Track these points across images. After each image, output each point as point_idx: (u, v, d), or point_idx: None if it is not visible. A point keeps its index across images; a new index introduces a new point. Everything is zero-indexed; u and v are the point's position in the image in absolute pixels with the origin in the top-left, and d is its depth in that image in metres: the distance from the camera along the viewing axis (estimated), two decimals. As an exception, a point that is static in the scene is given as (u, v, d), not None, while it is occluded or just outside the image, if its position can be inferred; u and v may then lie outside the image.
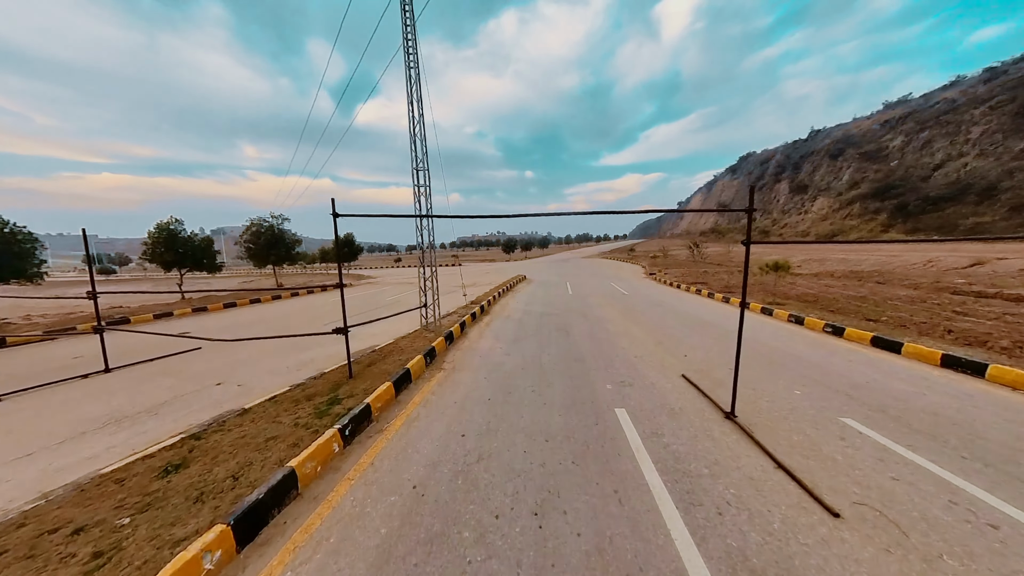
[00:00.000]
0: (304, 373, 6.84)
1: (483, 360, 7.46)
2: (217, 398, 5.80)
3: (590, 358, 7.48)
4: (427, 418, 4.90)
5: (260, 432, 4.03)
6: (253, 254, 20.13)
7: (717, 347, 8.16)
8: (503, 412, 5.04)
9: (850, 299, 14.04)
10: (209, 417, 4.97)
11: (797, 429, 4.51)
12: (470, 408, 5.18)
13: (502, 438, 4.35)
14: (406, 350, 7.42)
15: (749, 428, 4.51)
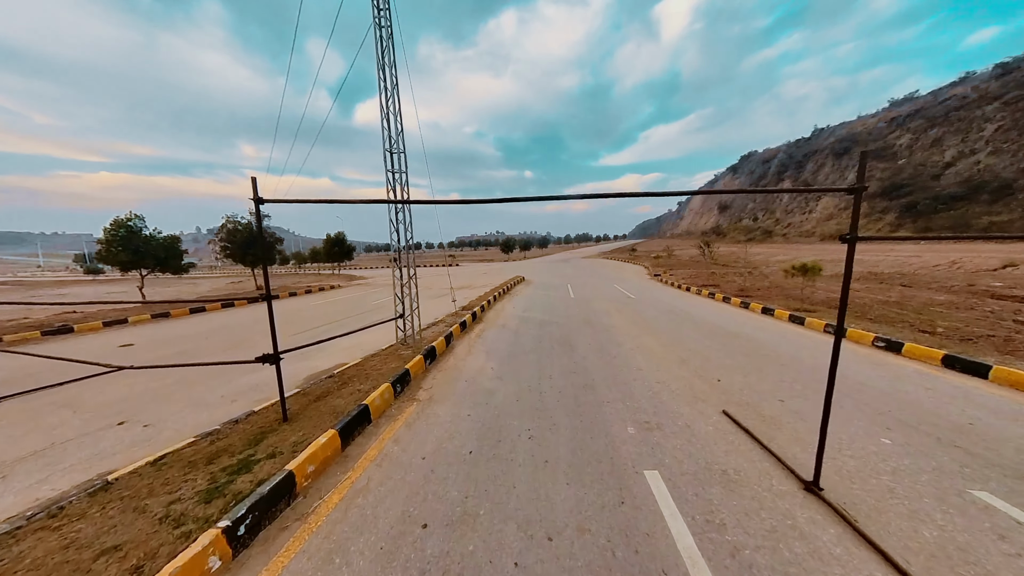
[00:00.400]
0: (239, 406, 5.39)
1: (469, 386, 6.01)
2: (105, 447, 4.34)
3: (602, 384, 6.04)
4: (378, 490, 3.44)
5: (99, 535, 2.57)
6: (229, 254, 18.66)
7: (753, 367, 6.72)
8: (488, 478, 3.59)
9: (884, 305, 12.64)
10: (67, 485, 3.52)
11: (919, 513, 3.06)
12: (442, 470, 3.72)
13: (482, 533, 2.90)
14: (372, 374, 5.96)
15: (848, 512, 3.06)
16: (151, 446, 4.26)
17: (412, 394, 5.68)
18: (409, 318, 7.51)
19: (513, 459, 3.90)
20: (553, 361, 7.28)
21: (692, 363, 7.05)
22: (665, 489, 3.39)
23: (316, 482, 3.50)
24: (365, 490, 3.43)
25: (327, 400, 4.97)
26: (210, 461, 3.52)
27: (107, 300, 13.49)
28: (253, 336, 10.31)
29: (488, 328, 10.39)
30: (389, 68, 6.50)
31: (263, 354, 4.16)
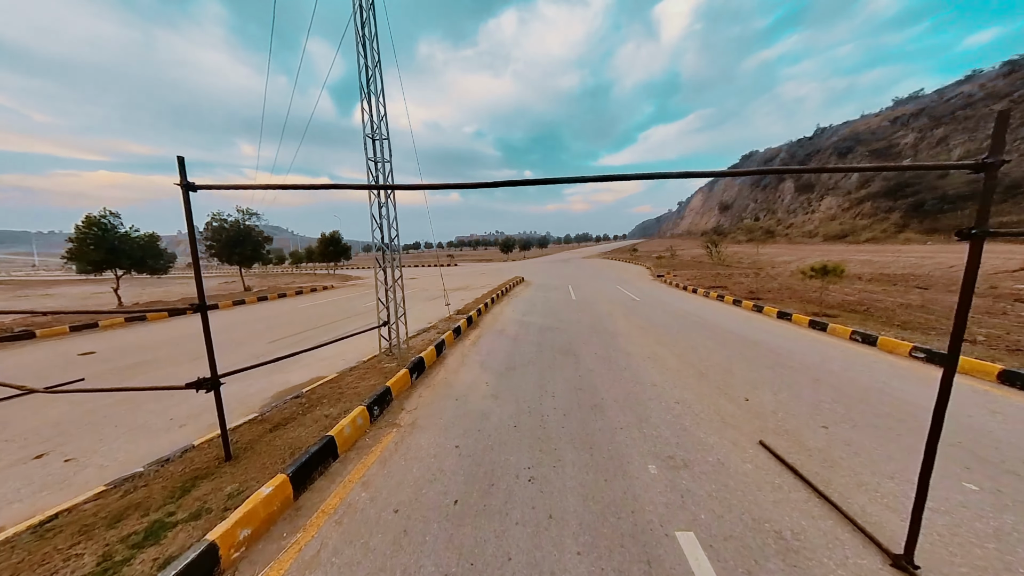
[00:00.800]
0: (187, 433, 4.58)
1: (459, 407, 5.20)
2: (2, 493, 3.51)
3: (612, 403, 5.23)
4: (331, 563, 2.63)
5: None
6: (216, 252, 17.83)
7: (782, 383, 5.92)
8: (476, 542, 2.79)
9: (907, 309, 11.85)
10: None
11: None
12: (418, 530, 2.92)
13: (464, 641, 2.10)
14: (347, 393, 5.14)
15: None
16: (61, 492, 3.45)
17: (393, 417, 4.86)
18: (395, 325, 6.68)
19: (508, 513, 3.09)
20: (555, 374, 6.48)
21: (712, 377, 6.25)
22: (706, 561, 2.59)
23: (251, 551, 2.69)
24: (314, 563, 2.62)
25: (286, 430, 4.15)
26: (113, 524, 2.71)
27: (69, 310, 12.66)
28: (228, 344, 9.49)
29: (484, 334, 9.59)
30: (370, 41, 5.68)
31: (198, 379, 3.34)
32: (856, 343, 8.38)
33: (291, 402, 4.86)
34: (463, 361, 7.34)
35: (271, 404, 5.11)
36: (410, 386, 5.93)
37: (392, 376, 5.66)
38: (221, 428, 3.48)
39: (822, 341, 8.60)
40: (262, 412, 4.59)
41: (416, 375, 6.20)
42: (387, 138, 6.11)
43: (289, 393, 5.71)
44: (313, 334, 10.20)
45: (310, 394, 5.14)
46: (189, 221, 3.16)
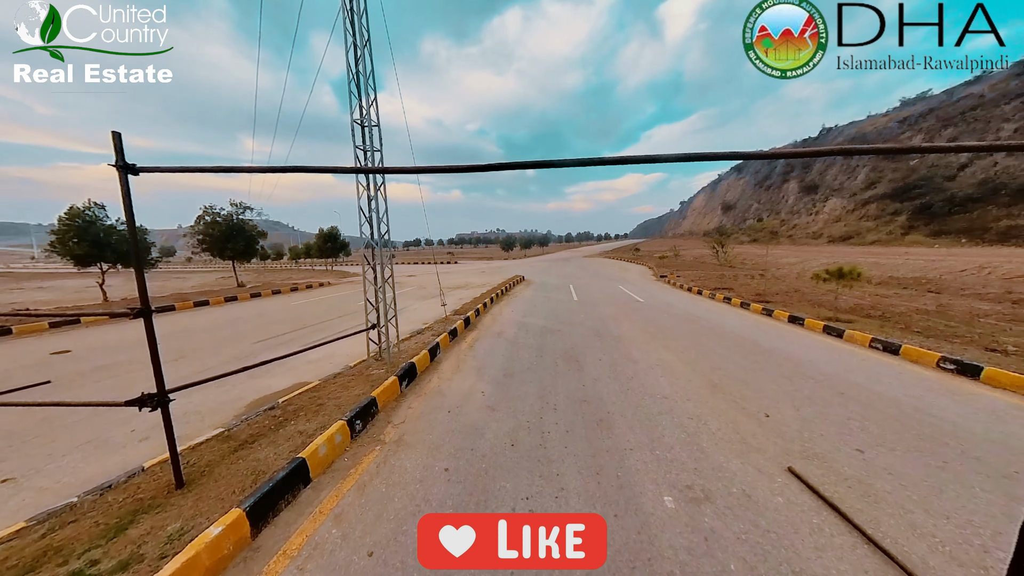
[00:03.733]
0: (147, 449, 4.10)
1: (452, 421, 4.73)
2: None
3: (620, 419, 4.76)
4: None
5: None
6: (208, 247, 17.35)
7: (804, 397, 5.43)
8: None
9: (924, 315, 11.36)
10: None
11: None
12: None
13: None
14: (327, 404, 4.67)
15: None
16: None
17: (377, 433, 4.39)
18: (385, 328, 6.20)
19: (503, 560, 2.62)
20: (557, 383, 6.00)
21: (727, 389, 5.77)
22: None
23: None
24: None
25: (254, 449, 3.68)
26: (37, 566, 2.24)
27: (41, 312, 12.24)
28: (211, 344, 9.03)
29: (482, 337, 9.11)
30: (358, 16, 5.18)
31: (142, 395, 2.86)
32: (876, 351, 7.89)
33: (264, 415, 4.39)
34: (458, 366, 6.87)
35: (245, 415, 4.64)
36: (399, 395, 5.45)
37: (379, 384, 5.18)
38: (171, 452, 3.00)
39: (840, 348, 8.11)
40: (230, 427, 4.11)
41: (406, 383, 5.72)
42: (377, 125, 5.61)
43: (268, 401, 5.24)
44: (302, 334, 9.74)
45: (286, 405, 4.66)
46: (127, 207, 2.68)
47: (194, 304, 14.38)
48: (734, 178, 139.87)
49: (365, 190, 5.60)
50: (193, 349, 8.33)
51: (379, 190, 5.74)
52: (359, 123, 5.45)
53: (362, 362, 6.45)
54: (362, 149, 5.49)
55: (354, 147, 5.39)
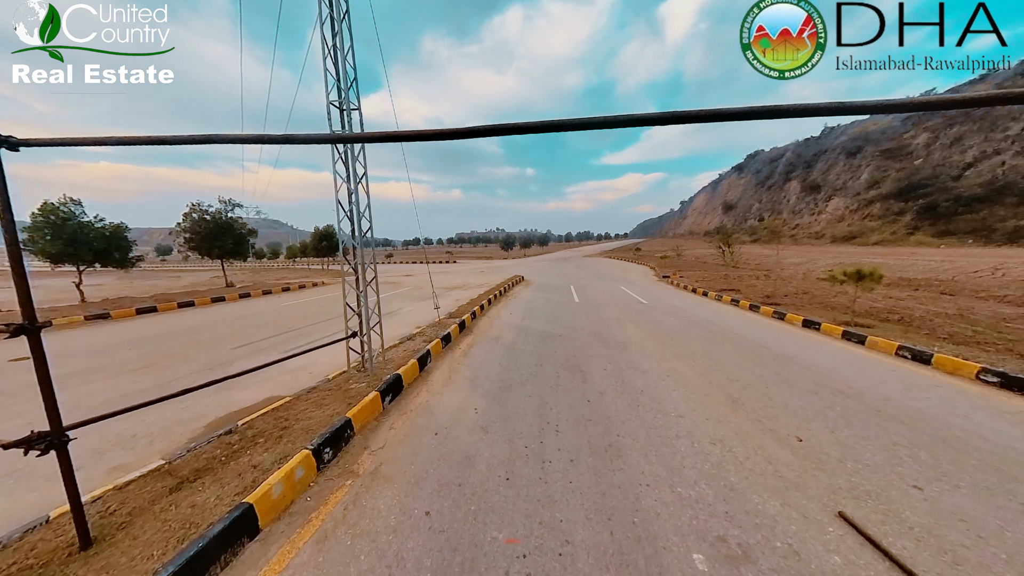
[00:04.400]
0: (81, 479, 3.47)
1: (439, 446, 4.11)
2: None
3: (632, 443, 4.14)
4: None
5: None
6: (195, 246, 16.69)
7: (838, 415, 4.82)
8: None
9: (945, 319, 10.75)
10: None
11: None
12: None
13: None
14: (294, 427, 4.04)
15: None
16: None
17: (350, 462, 3.77)
18: (369, 335, 5.57)
19: (491, 656, 2.00)
20: (559, 397, 5.39)
21: (748, 405, 5.15)
22: None
23: None
24: None
25: (194, 489, 3.06)
26: None
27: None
28: (186, 348, 8.41)
29: (478, 342, 8.49)
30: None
31: (33, 433, 2.24)
32: (904, 360, 7.27)
33: (217, 441, 3.76)
34: (450, 377, 6.25)
35: (196, 442, 4.01)
36: (381, 413, 4.83)
37: (357, 402, 4.56)
38: (72, 506, 2.38)
39: (864, 357, 7.49)
40: (173, 458, 3.49)
41: (390, 398, 5.10)
42: (358, 108, 4.99)
43: (233, 420, 4.62)
44: (287, 339, 9.12)
45: (245, 429, 4.04)
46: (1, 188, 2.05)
47: (178, 305, 13.75)
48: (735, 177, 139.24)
49: (345, 183, 4.98)
50: (165, 356, 7.71)
51: (359, 183, 5.11)
52: (336, 106, 4.83)
53: (342, 373, 5.81)
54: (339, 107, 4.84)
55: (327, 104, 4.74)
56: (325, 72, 4.64)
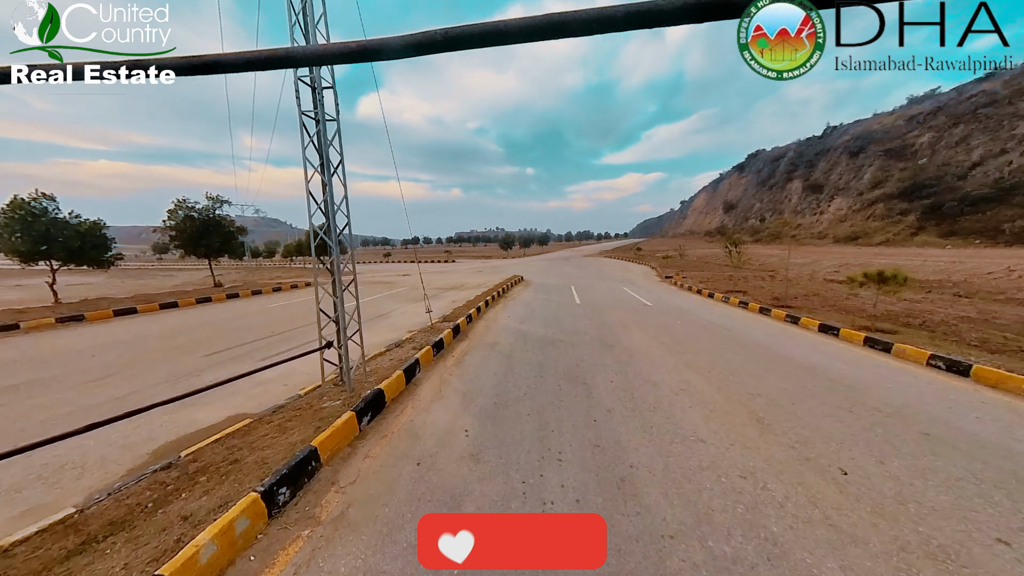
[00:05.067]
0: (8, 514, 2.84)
1: (421, 481, 3.48)
2: None
3: (648, 478, 3.52)
4: None
5: None
6: (180, 243, 15.99)
7: (882, 440, 4.20)
8: None
9: (971, 324, 10.15)
10: None
11: None
12: None
13: None
14: (247, 460, 3.40)
15: None
16: None
17: (312, 503, 3.14)
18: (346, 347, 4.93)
19: None
20: (562, 416, 4.76)
21: (776, 426, 4.53)
22: None
23: None
24: None
25: (98, 553, 2.40)
26: None
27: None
28: (154, 354, 7.77)
29: (473, 349, 7.87)
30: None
31: None
32: (938, 371, 6.64)
33: (151, 479, 3.12)
34: (440, 391, 5.62)
35: (135, 474, 3.38)
36: (357, 436, 4.20)
37: (328, 425, 3.93)
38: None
39: (893, 367, 6.87)
40: (86, 505, 2.84)
41: (369, 418, 4.47)
42: (332, 87, 4.35)
43: (187, 444, 3.99)
44: (268, 343, 8.49)
45: (189, 462, 3.39)
46: None
47: (160, 307, 13.10)
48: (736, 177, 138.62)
49: (316, 172, 4.34)
50: (130, 364, 7.06)
51: (335, 172, 4.47)
52: (307, 83, 4.18)
53: (316, 388, 5.17)
54: (313, 117, 4.21)
55: (299, 114, 4.11)
56: (291, 39, 3.99)
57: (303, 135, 4.14)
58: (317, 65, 3.86)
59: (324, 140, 4.25)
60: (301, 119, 4.15)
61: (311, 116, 4.28)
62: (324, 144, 4.25)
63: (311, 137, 4.18)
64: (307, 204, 4.28)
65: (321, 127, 4.21)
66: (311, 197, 4.29)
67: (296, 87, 4.07)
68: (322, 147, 4.26)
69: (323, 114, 4.21)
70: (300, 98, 4.12)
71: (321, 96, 4.20)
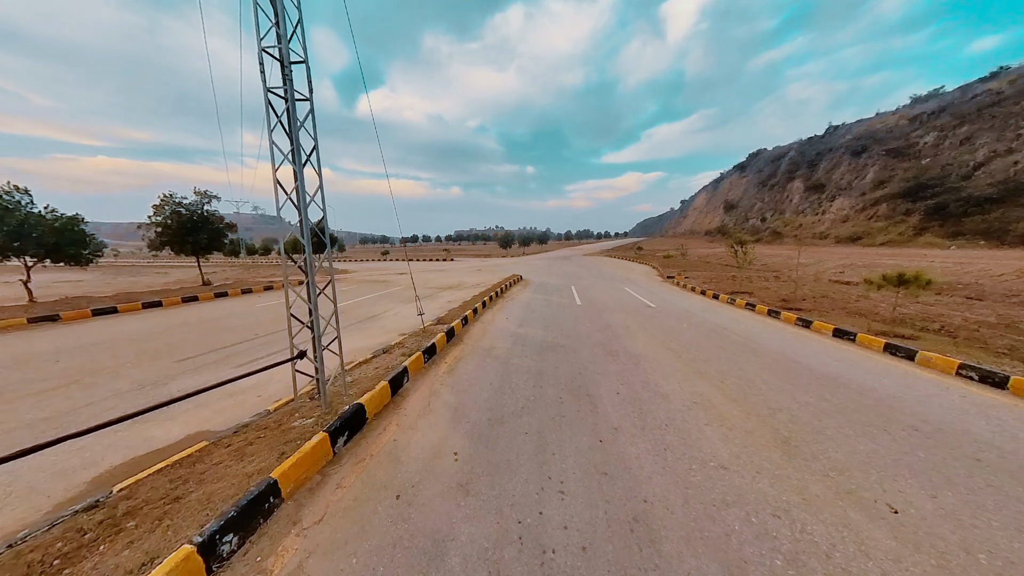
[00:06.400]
0: None
1: (399, 521, 2.96)
2: None
3: (665, 516, 3.00)
4: None
5: None
6: (166, 241, 15.35)
7: (931, 468, 3.69)
8: None
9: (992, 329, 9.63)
10: None
11: None
12: None
13: None
14: (187, 499, 2.87)
15: None
16: None
17: (266, 551, 2.61)
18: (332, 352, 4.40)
19: None
20: (563, 436, 4.24)
21: (806, 449, 4.02)
22: None
23: None
24: None
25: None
26: None
27: None
28: (130, 359, 7.23)
29: (467, 354, 7.34)
30: None
31: None
32: (970, 382, 6.14)
33: (69, 523, 2.59)
34: (429, 404, 5.09)
35: (64, 510, 2.84)
36: (331, 460, 3.67)
37: (295, 450, 3.39)
38: None
39: (920, 378, 6.36)
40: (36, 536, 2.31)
41: (346, 439, 3.94)
42: (304, 61, 3.80)
43: (139, 466, 3.47)
44: (249, 347, 7.94)
45: (120, 499, 2.82)
46: None
47: (143, 306, 12.53)
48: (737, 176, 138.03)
49: (287, 160, 3.79)
50: (95, 369, 6.52)
51: (309, 159, 3.93)
52: (275, 56, 3.63)
53: (287, 403, 4.63)
54: (284, 96, 3.67)
55: (265, 91, 3.57)
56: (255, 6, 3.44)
57: (269, 115, 3.59)
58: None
59: (293, 122, 3.71)
60: (267, 96, 3.60)
61: (279, 95, 3.73)
62: (294, 126, 3.70)
63: (279, 118, 3.63)
64: (275, 196, 3.74)
65: (290, 106, 3.66)
66: (279, 187, 3.75)
67: (260, 59, 3.52)
68: (292, 129, 3.71)
69: (292, 91, 3.66)
70: (265, 73, 3.57)
71: (290, 70, 3.66)
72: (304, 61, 3.83)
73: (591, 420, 4.64)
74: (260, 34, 3.56)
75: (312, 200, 4.00)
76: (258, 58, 3.52)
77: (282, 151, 3.75)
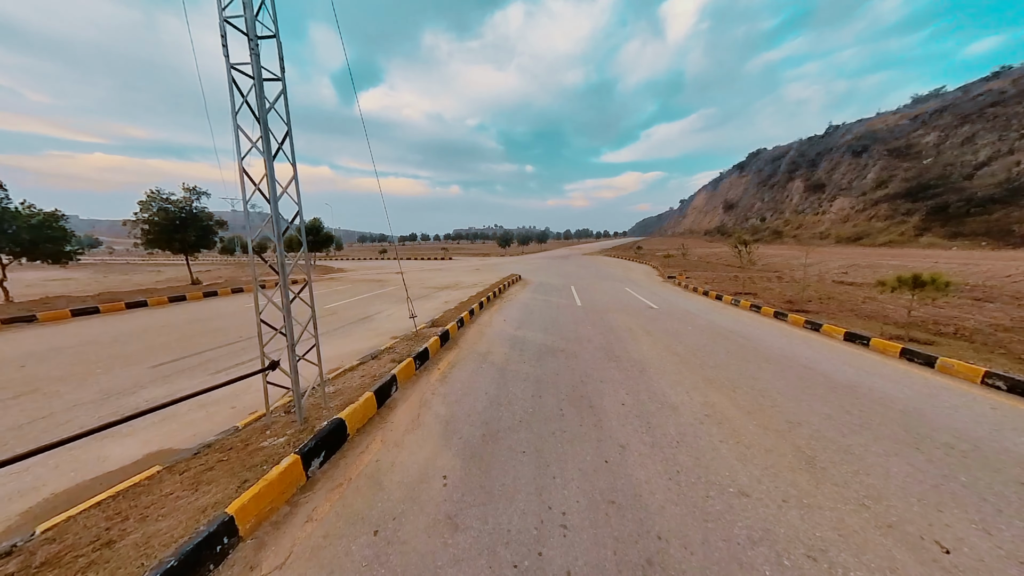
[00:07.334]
0: None
1: (373, 565, 2.54)
2: None
3: (684, 557, 2.60)
4: None
5: None
6: (153, 238, 14.84)
7: (970, 490, 3.30)
8: None
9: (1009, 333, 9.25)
10: None
11: None
12: None
13: None
14: (121, 543, 2.43)
15: None
16: None
17: (211, 608, 2.20)
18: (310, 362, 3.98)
19: None
20: (565, 455, 3.83)
21: (834, 471, 3.62)
22: None
23: None
24: None
25: None
26: None
27: None
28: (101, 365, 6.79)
29: (462, 360, 6.92)
30: None
31: None
32: (998, 392, 5.75)
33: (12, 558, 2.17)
34: (418, 416, 4.68)
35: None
36: (303, 486, 3.25)
37: (259, 477, 2.97)
38: None
39: (944, 387, 5.96)
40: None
41: (322, 459, 3.52)
42: (275, 36, 3.37)
43: (83, 492, 3.05)
44: (228, 352, 7.52)
45: (40, 545, 2.36)
46: None
47: (126, 306, 12.07)
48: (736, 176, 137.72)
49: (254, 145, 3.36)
50: (62, 376, 6.07)
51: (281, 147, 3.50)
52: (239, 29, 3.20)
53: (259, 418, 4.20)
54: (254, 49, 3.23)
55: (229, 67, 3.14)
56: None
57: (233, 94, 3.15)
58: None
59: (262, 103, 3.27)
60: (230, 74, 3.17)
61: (247, 73, 3.29)
62: (262, 108, 3.27)
63: (244, 97, 3.20)
64: (241, 187, 3.31)
65: (257, 85, 3.23)
66: (246, 176, 3.32)
67: (222, 30, 3.08)
68: (260, 112, 3.28)
69: (259, 68, 3.23)
70: (228, 46, 3.14)
71: (256, 45, 3.22)
72: (275, 35, 3.39)
73: (595, 435, 4.23)
74: (222, 1, 3.12)
75: (285, 192, 3.57)
76: (220, 29, 3.09)
77: (250, 139, 3.32)
